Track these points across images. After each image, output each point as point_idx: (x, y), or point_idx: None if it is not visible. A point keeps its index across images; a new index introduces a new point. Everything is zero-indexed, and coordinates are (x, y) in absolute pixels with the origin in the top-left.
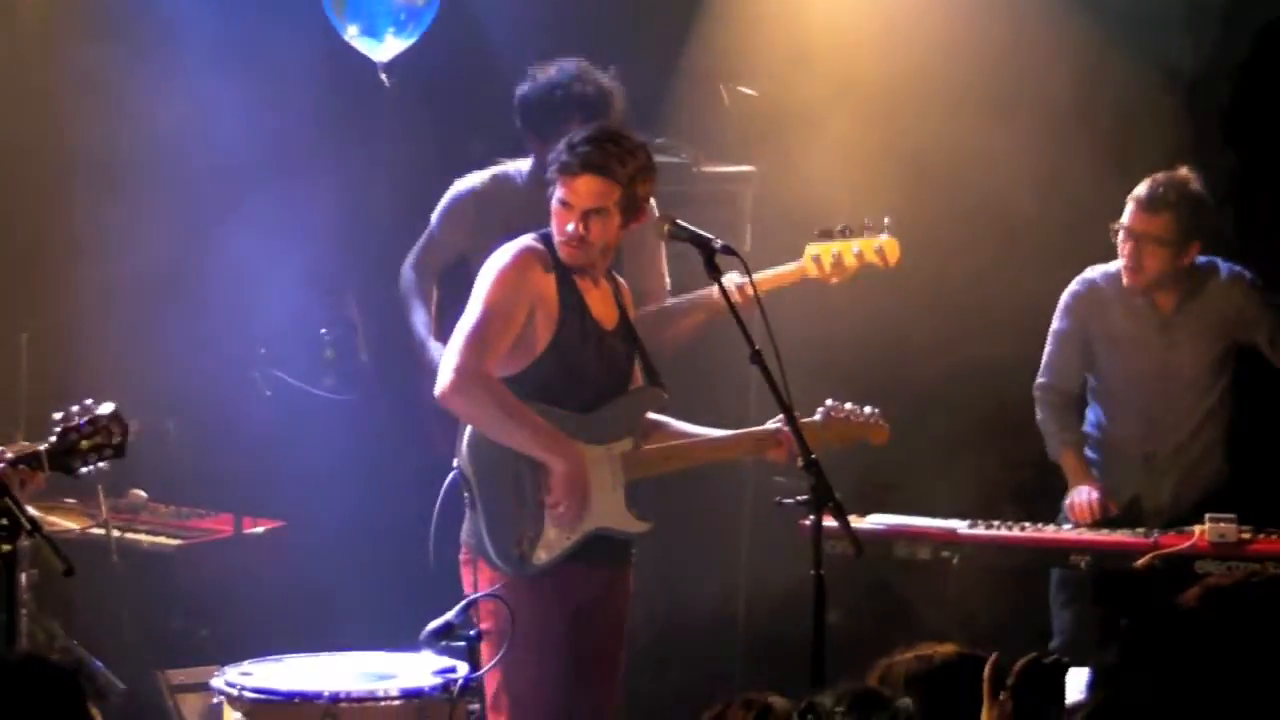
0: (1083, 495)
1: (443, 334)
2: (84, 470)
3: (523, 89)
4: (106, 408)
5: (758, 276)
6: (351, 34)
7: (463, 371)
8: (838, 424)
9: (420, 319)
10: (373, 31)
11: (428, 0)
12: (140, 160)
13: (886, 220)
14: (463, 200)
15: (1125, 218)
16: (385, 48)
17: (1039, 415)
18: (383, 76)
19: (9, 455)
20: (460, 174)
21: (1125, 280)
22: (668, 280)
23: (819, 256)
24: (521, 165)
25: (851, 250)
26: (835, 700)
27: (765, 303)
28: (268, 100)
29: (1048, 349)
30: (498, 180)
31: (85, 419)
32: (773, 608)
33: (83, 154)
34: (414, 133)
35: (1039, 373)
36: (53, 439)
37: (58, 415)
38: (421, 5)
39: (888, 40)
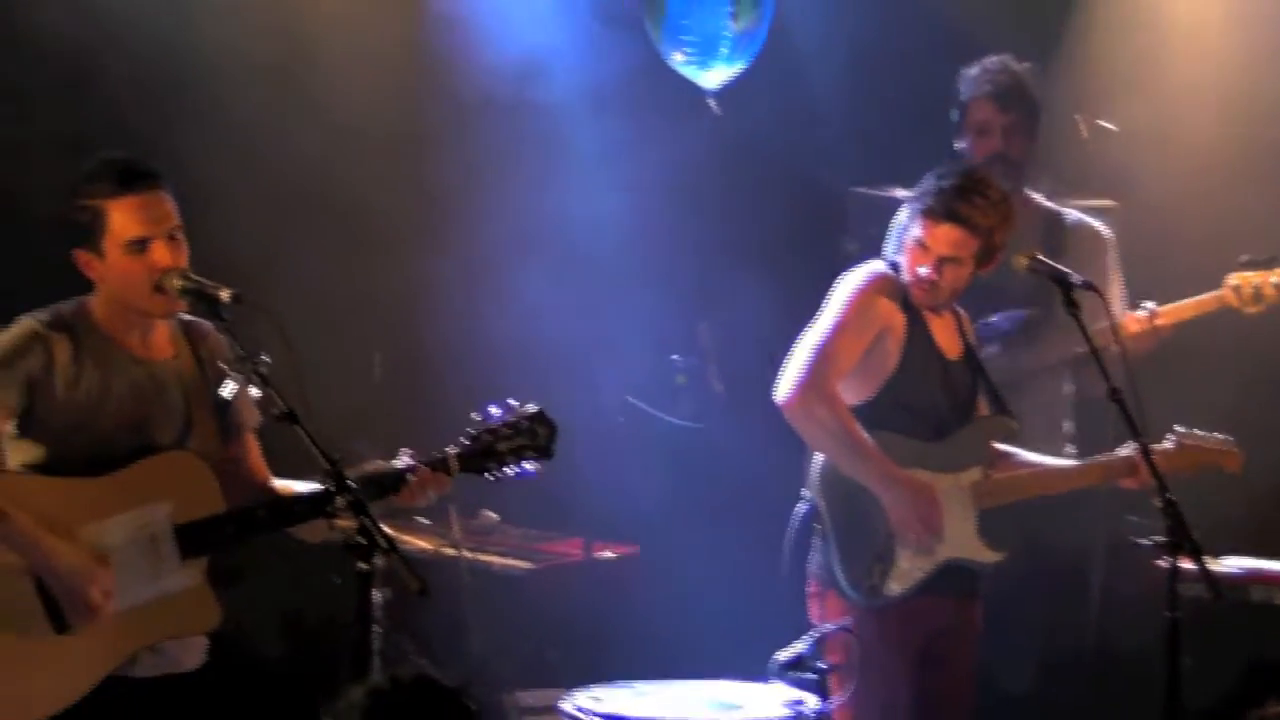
0: None
1: None
2: (505, 472)
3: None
4: (530, 408)
5: (1178, 304)
6: (677, 61)
7: (806, 384)
8: (1190, 451)
9: None
10: (698, 59)
11: (745, 29)
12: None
13: None
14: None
15: None
16: (712, 74)
17: None
18: (711, 103)
19: (409, 460)
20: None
21: None
22: (1118, 294)
23: (1239, 286)
24: None
25: (1271, 282)
26: None
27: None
28: (626, 152)
29: None
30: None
31: (504, 419)
32: (1125, 650)
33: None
34: (761, 169)
35: None
36: (465, 440)
37: (476, 416)
38: (742, 31)
39: (1252, 74)
